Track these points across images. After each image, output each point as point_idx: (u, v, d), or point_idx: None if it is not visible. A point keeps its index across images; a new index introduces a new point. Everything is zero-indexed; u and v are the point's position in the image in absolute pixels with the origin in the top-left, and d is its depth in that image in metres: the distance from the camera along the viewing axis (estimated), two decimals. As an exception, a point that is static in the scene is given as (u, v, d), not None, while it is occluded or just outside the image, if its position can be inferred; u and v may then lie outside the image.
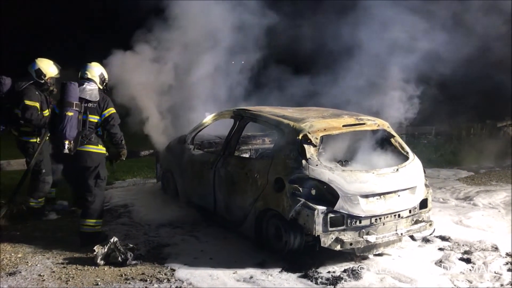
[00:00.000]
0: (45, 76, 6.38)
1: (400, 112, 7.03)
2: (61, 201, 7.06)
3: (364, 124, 5.55)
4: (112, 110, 5.66)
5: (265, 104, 7.39)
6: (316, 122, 5.28)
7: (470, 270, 4.89)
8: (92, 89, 5.60)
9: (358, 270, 4.80)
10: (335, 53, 8.31)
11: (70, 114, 5.35)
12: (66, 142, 5.32)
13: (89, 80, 5.69)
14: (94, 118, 5.56)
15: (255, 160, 5.97)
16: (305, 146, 4.99)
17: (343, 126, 5.36)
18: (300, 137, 5.06)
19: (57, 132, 5.38)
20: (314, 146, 5.03)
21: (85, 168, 5.54)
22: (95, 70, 5.82)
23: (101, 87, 5.79)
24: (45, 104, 6.41)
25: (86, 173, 5.55)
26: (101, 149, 5.64)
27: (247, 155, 6.92)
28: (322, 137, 5.24)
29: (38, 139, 6.34)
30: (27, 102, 6.17)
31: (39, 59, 6.47)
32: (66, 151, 5.33)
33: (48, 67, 6.45)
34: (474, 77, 9.19)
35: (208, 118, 6.72)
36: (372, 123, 5.63)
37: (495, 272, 4.83)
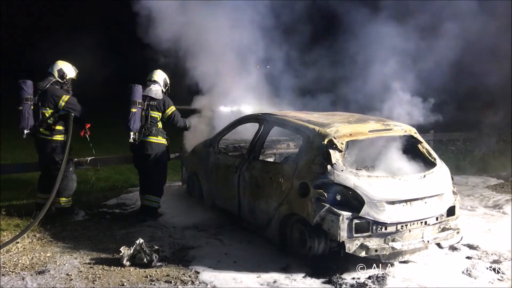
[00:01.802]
0: (66, 75, 6.63)
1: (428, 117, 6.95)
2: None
3: (390, 129, 5.50)
4: (172, 108, 6.84)
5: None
6: (342, 127, 5.25)
7: (499, 280, 4.79)
8: (157, 90, 6.77)
9: (383, 277, 4.76)
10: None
11: (134, 110, 6.40)
12: (131, 133, 6.45)
13: (155, 81, 6.87)
14: (155, 114, 6.70)
15: (279, 165, 5.97)
16: (331, 151, 4.96)
17: (369, 131, 5.32)
18: (325, 142, 5.04)
19: (124, 125, 6.40)
20: (340, 151, 5.00)
21: (147, 156, 6.67)
22: (159, 74, 6.99)
23: (163, 90, 6.89)
24: None
25: (148, 159, 6.68)
26: (160, 139, 6.74)
27: (271, 160, 6.93)
28: (347, 142, 5.20)
29: (64, 137, 6.49)
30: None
31: (60, 61, 6.72)
32: (131, 140, 6.50)
33: (69, 68, 6.73)
34: (504, 81, 9.00)
35: (233, 122, 6.77)
36: (399, 128, 5.57)
37: (525, 283, 4.72)
